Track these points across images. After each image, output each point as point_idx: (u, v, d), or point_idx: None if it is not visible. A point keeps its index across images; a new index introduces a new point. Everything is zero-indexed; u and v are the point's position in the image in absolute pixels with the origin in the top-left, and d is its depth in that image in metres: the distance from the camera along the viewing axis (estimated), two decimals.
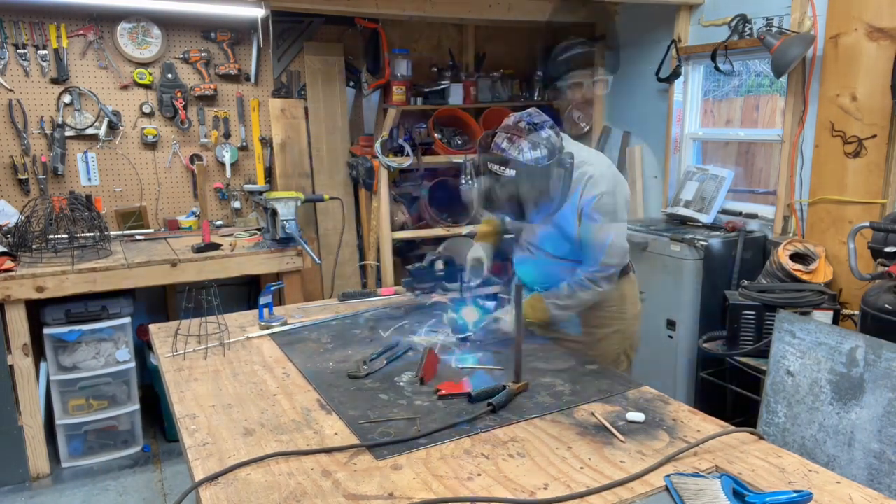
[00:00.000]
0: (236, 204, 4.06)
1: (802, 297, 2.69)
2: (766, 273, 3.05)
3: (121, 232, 3.72)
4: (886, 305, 2.29)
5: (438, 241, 4.26)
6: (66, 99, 3.60)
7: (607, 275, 2.01)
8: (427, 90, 4.16)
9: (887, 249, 2.45)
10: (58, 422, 3.14)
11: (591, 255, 2.00)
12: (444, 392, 1.63)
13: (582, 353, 2.01)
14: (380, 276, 4.11)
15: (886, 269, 2.42)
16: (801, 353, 2.34)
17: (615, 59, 3.75)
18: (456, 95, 4.19)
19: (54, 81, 3.57)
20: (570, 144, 2.02)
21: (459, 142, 4.30)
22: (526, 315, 2.01)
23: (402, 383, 1.73)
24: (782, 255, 2.96)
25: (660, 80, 3.83)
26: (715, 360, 3.02)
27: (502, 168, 1.80)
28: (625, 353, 2.21)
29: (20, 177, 3.55)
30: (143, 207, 3.86)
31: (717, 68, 3.39)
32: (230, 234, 3.73)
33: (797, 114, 3.16)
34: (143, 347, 3.65)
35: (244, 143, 4.04)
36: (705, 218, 3.51)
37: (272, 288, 2.25)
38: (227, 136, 4.00)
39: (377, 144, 3.95)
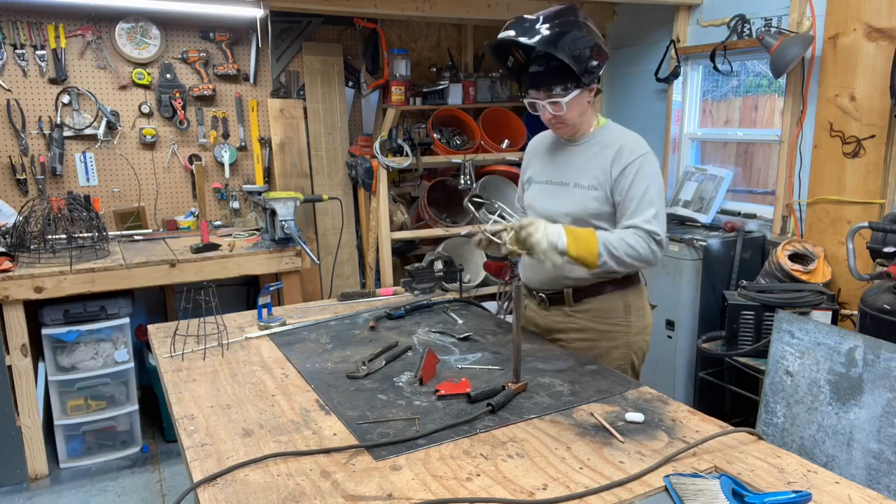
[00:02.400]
0: (235, 204, 4.05)
1: (801, 298, 2.69)
2: (764, 273, 3.06)
3: (119, 232, 3.72)
4: (885, 305, 2.29)
5: (437, 241, 4.26)
6: (65, 99, 3.60)
7: (657, 233, 1.82)
8: (426, 90, 4.16)
9: (886, 249, 2.46)
10: (56, 422, 3.13)
11: (634, 213, 1.84)
12: (443, 392, 1.63)
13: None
14: (379, 276, 4.11)
15: (885, 269, 2.42)
16: (800, 353, 2.34)
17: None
18: (455, 95, 4.19)
19: (52, 81, 3.56)
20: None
21: (458, 142, 4.30)
22: (572, 251, 1.77)
23: (401, 384, 1.73)
24: (781, 255, 2.96)
25: (659, 80, 3.84)
26: (714, 361, 3.02)
27: None
28: (630, 365, 2.06)
29: (18, 177, 3.55)
30: (142, 208, 3.85)
31: (715, 68, 3.40)
32: (229, 235, 3.73)
33: (796, 114, 3.16)
34: (141, 348, 3.65)
35: (243, 144, 4.04)
36: (704, 218, 3.51)
37: (271, 288, 2.25)
38: (225, 136, 4.00)
39: (376, 144, 3.95)
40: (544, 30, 1.81)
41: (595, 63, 1.85)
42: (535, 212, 2.05)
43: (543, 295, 2.08)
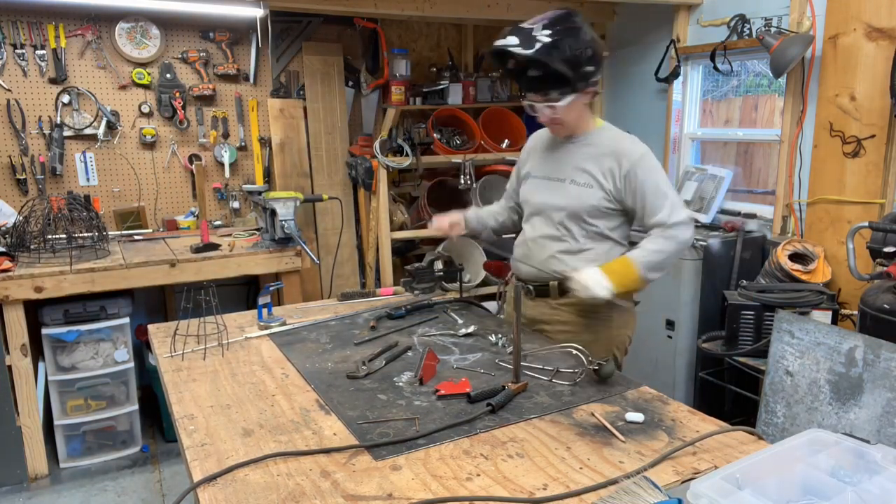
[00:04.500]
0: (235, 204, 4.05)
1: (801, 297, 2.69)
2: (764, 273, 3.06)
3: (119, 232, 3.72)
4: (885, 305, 2.29)
5: (437, 241, 4.26)
6: (65, 99, 3.60)
7: (681, 220, 1.92)
8: (426, 90, 4.16)
9: (886, 249, 2.46)
10: (56, 422, 3.13)
11: (653, 209, 1.93)
12: (443, 392, 1.63)
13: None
14: (379, 276, 4.11)
15: (885, 268, 2.42)
16: (800, 353, 2.34)
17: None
18: (455, 95, 4.19)
19: (52, 81, 3.56)
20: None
21: (458, 142, 4.30)
22: (620, 284, 1.89)
23: (401, 383, 1.73)
24: (781, 255, 2.96)
25: (659, 80, 3.84)
26: (714, 360, 3.02)
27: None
28: (612, 358, 2.08)
29: (18, 177, 3.55)
30: (142, 208, 3.85)
31: (715, 68, 3.40)
32: (229, 235, 3.73)
33: (796, 114, 3.16)
34: (141, 348, 3.64)
35: (243, 143, 4.04)
36: (704, 218, 3.51)
37: (271, 288, 2.25)
38: (225, 136, 4.00)
39: (376, 144, 3.95)
40: (542, 37, 1.85)
41: (590, 69, 1.92)
42: (531, 205, 2.15)
43: (531, 286, 2.15)
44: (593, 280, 1.88)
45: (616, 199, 1.98)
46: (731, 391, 3.00)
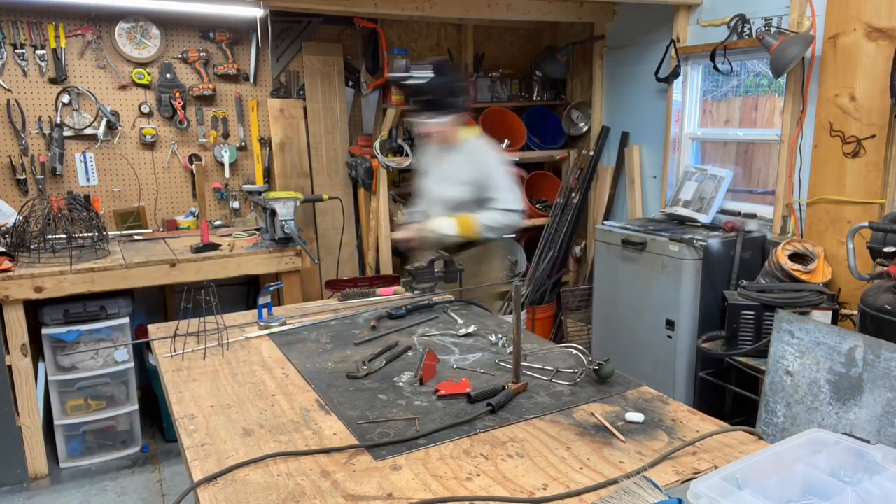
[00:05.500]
0: (235, 204, 4.05)
1: (801, 297, 2.69)
2: (764, 273, 3.06)
3: (119, 232, 3.72)
4: (885, 305, 2.29)
5: None
6: (65, 99, 3.60)
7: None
8: None
9: (886, 249, 2.46)
10: (56, 422, 3.13)
11: None
12: (443, 392, 1.63)
13: None
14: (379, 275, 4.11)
15: (885, 268, 2.42)
16: (800, 352, 2.34)
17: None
18: None
19: (52, 81, 3.56)
20: None
21: None
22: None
23: (401, 383, 1.73)
24: (781, 255, 2.96)
25: (659, 80, 3.84)
26: (714, 360, 3.02)
27: None
28: None
29: (18, 177, 3.55)
30: (142, 207, 3.85)
31: (715, 68, 3.39)
32: (229, 235, 3.73)
33: (796, 114, 3.16)
34: (141, 348, 3.65)
35: (243, 143, 4.04)
36: (704, 218, 3.51)
37: (271, 288, 2.25)
38: (225, 136, 4.00)
39: (376, 144, 3.95)
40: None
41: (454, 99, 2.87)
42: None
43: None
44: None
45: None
46: (731, 391, 3.00)
